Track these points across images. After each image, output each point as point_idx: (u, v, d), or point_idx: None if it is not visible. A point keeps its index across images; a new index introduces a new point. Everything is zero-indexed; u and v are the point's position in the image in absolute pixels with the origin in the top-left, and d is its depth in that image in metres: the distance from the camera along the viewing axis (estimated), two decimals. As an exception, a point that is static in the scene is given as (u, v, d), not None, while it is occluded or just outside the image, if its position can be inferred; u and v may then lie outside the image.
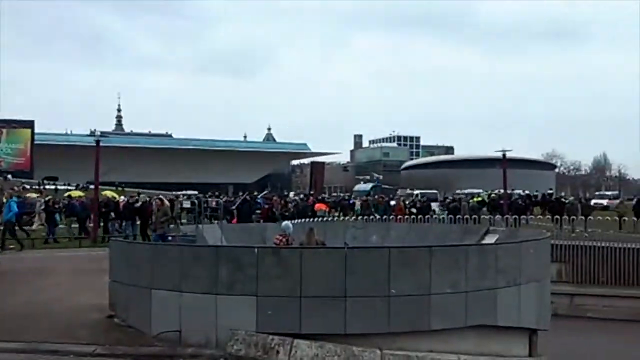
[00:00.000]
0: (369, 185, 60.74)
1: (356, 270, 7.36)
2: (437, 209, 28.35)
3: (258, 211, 23.68)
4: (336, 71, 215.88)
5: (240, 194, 34.68)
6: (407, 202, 29.22)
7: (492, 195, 40.26)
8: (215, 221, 22.18)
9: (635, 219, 23.99)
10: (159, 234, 15.44)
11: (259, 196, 32.10)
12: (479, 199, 33.10)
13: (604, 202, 51.86)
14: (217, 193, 39.41)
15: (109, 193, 28.38)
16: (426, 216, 24.09)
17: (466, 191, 50.04)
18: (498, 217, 23.00)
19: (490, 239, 10.94)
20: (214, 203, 26.62)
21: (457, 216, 23.09)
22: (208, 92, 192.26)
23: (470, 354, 7.79)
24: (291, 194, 51.03)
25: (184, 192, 40.45)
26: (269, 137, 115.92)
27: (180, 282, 7.53)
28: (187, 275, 7.53)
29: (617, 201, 34.91)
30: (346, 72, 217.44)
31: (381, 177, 77.77)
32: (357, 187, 62.80)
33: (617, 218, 23.81)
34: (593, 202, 49.79)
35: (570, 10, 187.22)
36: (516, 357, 8.27)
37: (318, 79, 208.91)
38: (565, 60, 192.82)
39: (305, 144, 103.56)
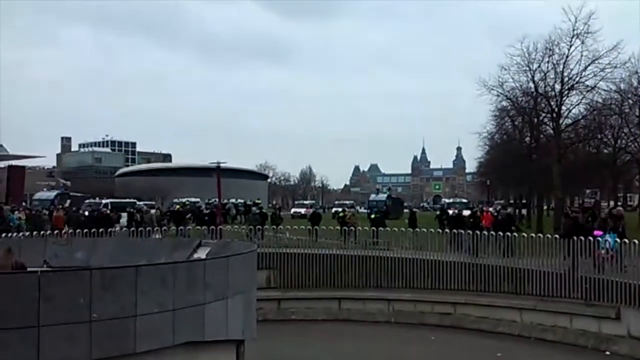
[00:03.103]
0: (53, 193, 53.34)
1: (53, 296, 6.62)
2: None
3: None
4: (39, 68, 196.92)
5: None
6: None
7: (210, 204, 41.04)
8: None
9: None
10: None
11: None
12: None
13: (302, 210, 57.46)
14: None
15: None
16: (100, 229, 21.25)
17: (184, 199, 50.02)
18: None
19: (202, 253, 11.00)
20: None
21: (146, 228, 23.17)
22: None
23: (177, 371, 7.67)
24: None
25: None
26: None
27: None
28: None
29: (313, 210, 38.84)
30: (51, 70, 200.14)
31: (69, 183, 71.14)
32: (37, 195, 54.99)
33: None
34: (292, 210, 54.79)
35: (278, 32, 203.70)
36: (223, 370, 8.42)
37: (17, 75, 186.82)
38: (273, 78, 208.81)
39: (1, 145, 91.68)
